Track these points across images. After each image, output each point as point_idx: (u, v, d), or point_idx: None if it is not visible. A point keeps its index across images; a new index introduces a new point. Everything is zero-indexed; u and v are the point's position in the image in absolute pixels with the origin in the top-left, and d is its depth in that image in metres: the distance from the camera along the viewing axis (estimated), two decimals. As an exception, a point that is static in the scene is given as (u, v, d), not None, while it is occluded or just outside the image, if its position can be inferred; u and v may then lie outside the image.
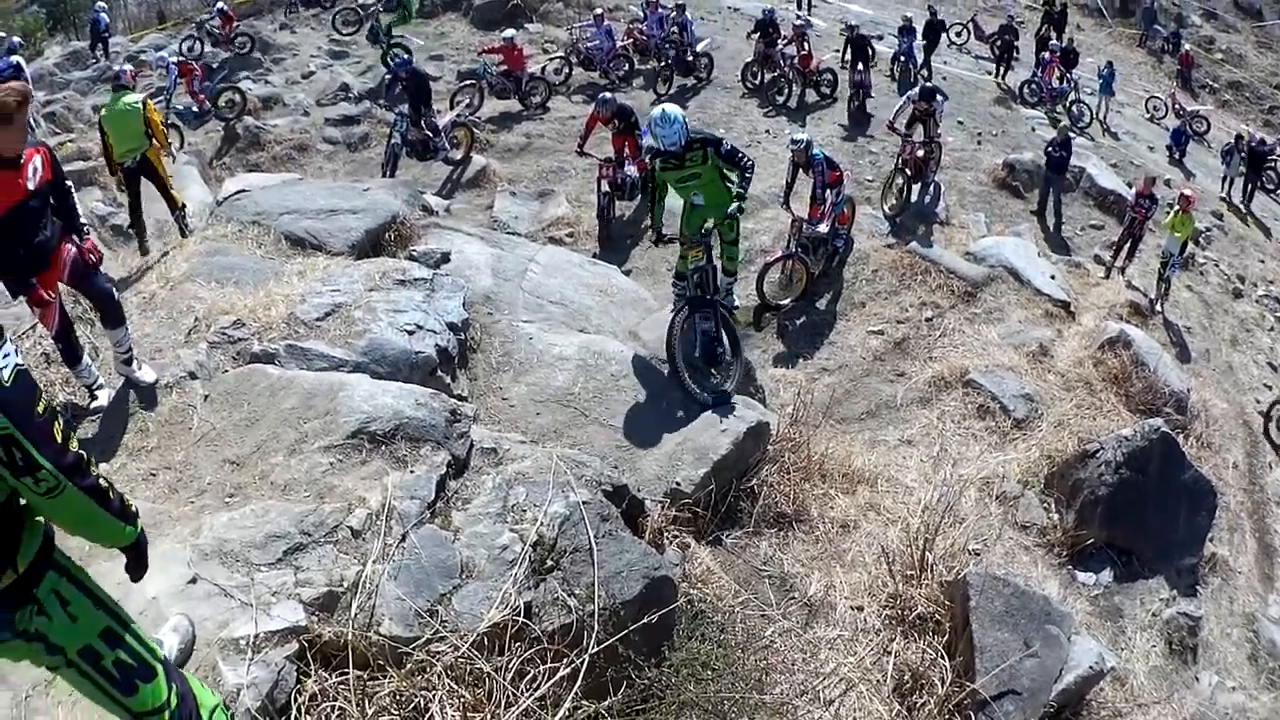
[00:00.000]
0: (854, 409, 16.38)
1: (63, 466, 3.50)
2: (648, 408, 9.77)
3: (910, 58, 31.98)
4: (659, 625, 6.66)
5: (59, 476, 3.48)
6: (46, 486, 3.48)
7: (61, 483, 3.50)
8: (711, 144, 10.98)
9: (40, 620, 3.80)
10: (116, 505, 3.85)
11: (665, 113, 10.65)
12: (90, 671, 3.99)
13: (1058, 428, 15.10)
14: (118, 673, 4.05)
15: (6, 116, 6.91)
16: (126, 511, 3.95)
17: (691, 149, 10.81)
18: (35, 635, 3.80)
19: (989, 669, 7.59)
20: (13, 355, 3.40)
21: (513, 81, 27.96)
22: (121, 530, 3.95)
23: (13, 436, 3.35)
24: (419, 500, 6.76)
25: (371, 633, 5.73)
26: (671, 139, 10.60)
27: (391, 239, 12.71)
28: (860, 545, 9.61)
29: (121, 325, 8.12)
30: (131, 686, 4.10)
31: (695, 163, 10.91)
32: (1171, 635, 12.12)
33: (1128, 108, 36.71)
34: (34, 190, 7.46)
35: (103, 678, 4.02)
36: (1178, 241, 21.76)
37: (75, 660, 3.94)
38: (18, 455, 3.38)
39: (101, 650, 3.99)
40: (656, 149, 11.07)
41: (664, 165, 10.97)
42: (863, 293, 19.59)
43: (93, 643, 3.96)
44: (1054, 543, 12.60)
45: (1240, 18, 47.88)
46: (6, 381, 3.34)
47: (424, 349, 9.23)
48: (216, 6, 32.72)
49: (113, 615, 4.07)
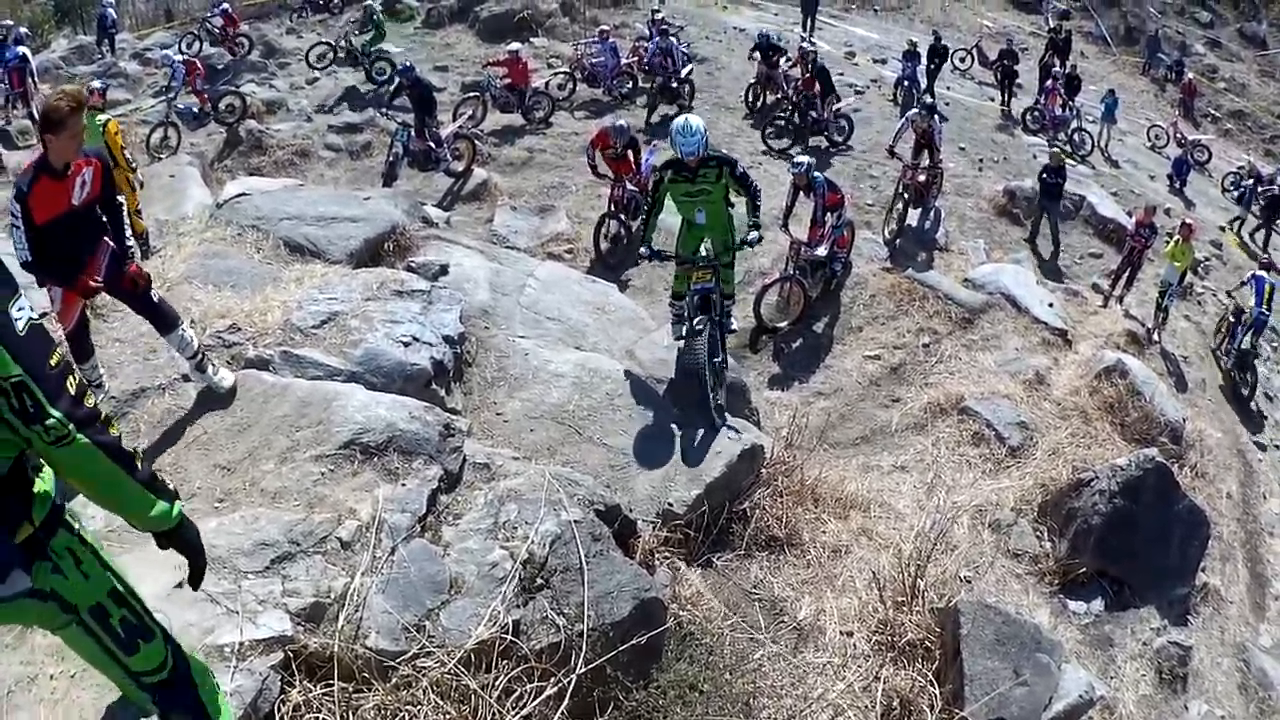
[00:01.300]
0: (848, 434, 16.37)
1: (74, 417, 3.46)
2: (642, 427, 9.72)
3: (914, 82, 31.98)
4: (648, 647, 6.64)
5: (67, 424, 3.43)
6: (55, 435, 3.43)
7: (70, 431, 3.45)
8: (727, 164, 10.93)
9: (56, 579, 3.79)
10: (145, 474, 3.78)
11: (688, 123, 10.60)
12: (98, 630, 3.98)
13: (1052, 456, 15.09)
14: (123, 631, 4.05)
15: (58, 122, 6.79)
16: (157, 484, 3.86)
17: (706, 165, 10.76)
18: (50, 594, 3.80)
19: (978, 697, 7.55)
20: (27, 309, 3.40)
21: (516, 95, 27.99)
22: (151, 502, 3.84)
23: (24, 383, 3.33)
24: (410, 514, 6.74)
25: (358, 645, 5.71)
26: (691, 149, 10.54)
27: (390, 249, 12.71)
28: (851, 570, 9.57)
29: (175, 329, 7.94)
30: (134, 646, 4.10)
31: (707, 179, 10.83)
32: (1162, 664, 12.13)
33: (1130, 136, 36.74)
34: (78, 205, 7.38)
35: (109, 636, 4.01)
36: (1177, 271, 21.80)
37: (85, 619, 3.93)
38: (28, 402, 3.35)
39: (110, 608, 3.99)
40: (668, 161, 11.05)
41: (674, 177, 10.90)
42: (860, 317, 19.57)
43: (103, 600, 3.96)
44: (1046, 571, 12.60)
45: (1244, 46, 47.97)
46: (21, 331, 3.33)
47: (419, 361, 9.21)
48: (221, 7, 32.75)
49: (115, 574, 4.05)
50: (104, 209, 7.69)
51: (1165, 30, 47.13)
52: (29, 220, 7.06)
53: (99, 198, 7.55)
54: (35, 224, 7.13)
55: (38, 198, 7.07)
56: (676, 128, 10.59)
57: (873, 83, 34.06)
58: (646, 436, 9.60)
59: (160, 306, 7.93)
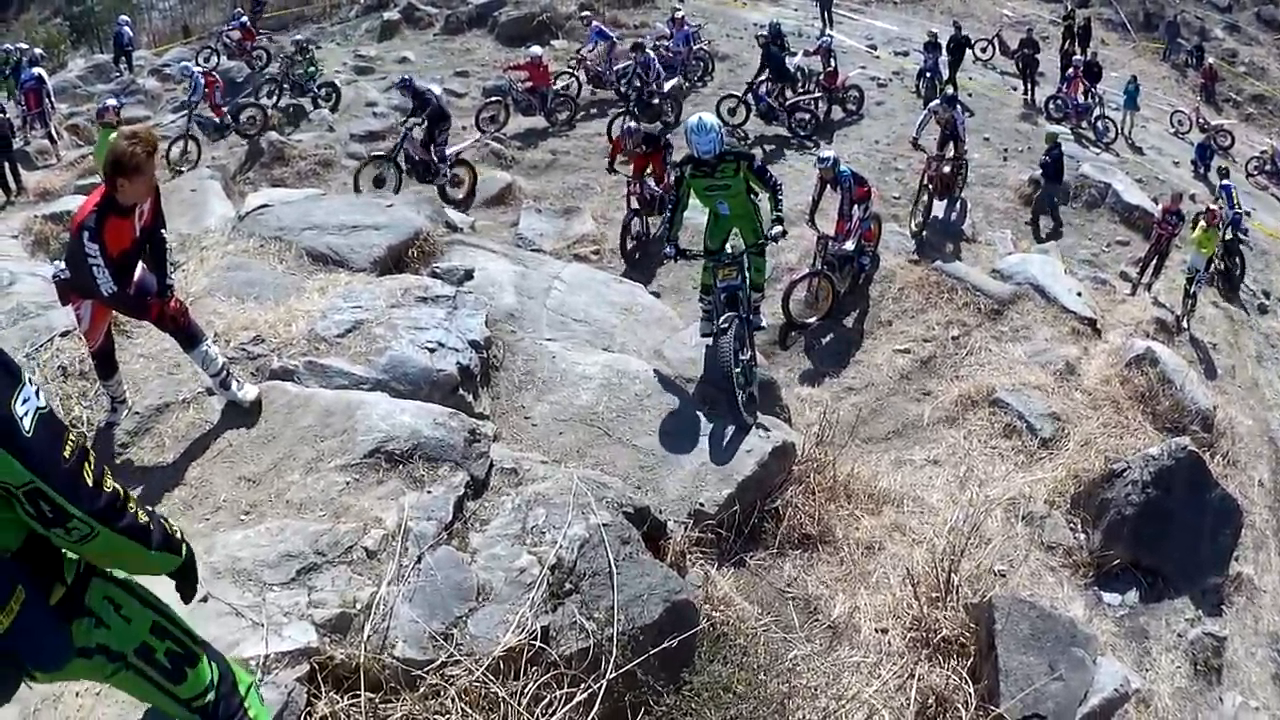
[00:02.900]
0: (880, 429, 16.30)
1: (95, 512, 3.35)
2: (672, 427, 9.68)
3: (935, 74, 31.92)
4: (679, 650, 6.59)
5: (92, 523, 3.34)
6: (80, 534, 3.34)
7: (95, 529, 3.36)
8: (745, 159, 11.07)
9: (99, 632, 3.71)
10: (159, 538, 3.71)
11: (702, 121, 10.71)
12: (146, 669, 3.91)
13: (1084, 447, 14.97)
14: (169, 663, 3.98)
15: (134, 168, 6.77)
16: (170, 540, 3.82)
17: (725, 160, 10.85)
18: (96, 649, 3.71)
19: (1013, 693, 7.48)
20: (33, 399, 3.22)
21: (538, 98, 28.04)
22: (167, 562, 3.84)
23: (38, 489, 3.19)
24: (436, 521, 6.70)
25: (384, 655, 5.67)
26: (706, 147, 10.63)
27: (414, 255, 12.67)
28: (885, 567, 9.52)
29: (199, 345, 7.88)
30: (181, 674, 4.04)
31: (726, 174, 10.94)
32: (1196, 656, 12.01)
33: (1152, 123, 36.54)
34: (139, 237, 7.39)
35: (157, 672, 3.94)
36: (1203, 257, 21.67)
37: (134, 662, 3.86)
38: (46, 508, 3.23)
39: (154, 644, 3.92)
40: (687, 156, 11.06)
41: (694, 172, 11.00)
42: (889, 311, 19.50)
43: (146, 639, 3.89)
44: (1080, 563, 12.48)
45: (1262, 30, 47.64)
46: (28, 430, 3.16)
47: (445, 367, 9.15)
48: (240, 19, 32.86)
49: (153, 607, 3.99)
50: (149, 241, 7.67)
51: (1184, 15, 46.87)
52: (107, 256, 7.03)
53: (148, 229, 7.54)
54: (113, 258, 7.12)
55: (110, 234, 7.05)
56: (691, 127, 10.71)
57: (895, 75, 34.02)
58: (676, 436, 9.56)
59: (177, 322, 7.91)
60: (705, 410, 10.08)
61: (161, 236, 7.79)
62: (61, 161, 26.81)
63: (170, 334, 7.92)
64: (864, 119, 29.44)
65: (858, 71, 31.63)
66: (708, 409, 10.12)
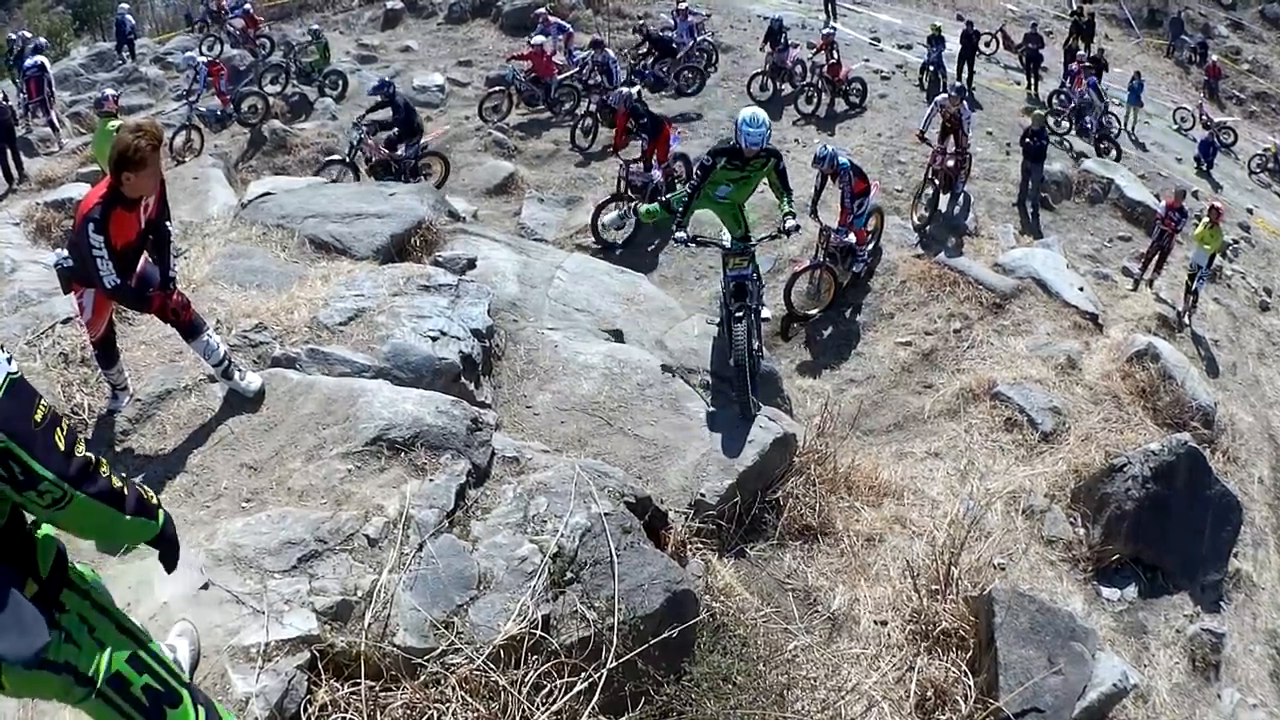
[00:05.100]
0: (881, 421, 16.33)
1: (67, 475, 3.37)
2: (673, 417, 9.69)
3: (940, 68, 31.83)
4: (680, 639, 6.58)
5: (63, 485, 3.36)
6: (51, 498, 3.36)
7: (67, 492, 3.38)
8: (775, 155, 11.10)
9: (68, 649, 3.66)
10: (133, 503, 3.71)
11: (756, 114, 10.67)
12: (119, 701, 3.82)
13: (1085, 441, 14.99)
14: (147, 699, 3.88)
15: (140, 161, 6.74)
16: (145, 506, 3.82)
17: (759, 156, 10.84)
18: (64, 666, 3.65)
19: (1012, 686, 7.50)
20: (4, 365, 3.28)
21: (541, 88, 27.94)
22: (143, 527, 3.83)
23: (9, 450, 3.23)
24: (437, 509, 6.69)
25: (385, 643, 5.67)
26: (756, 140, 10.58)
27: (417, 244, 12.65)
28: (885, 559, 9.54)
29: (199, 335, 7.85)
30: (160, 713, 3.93)
31: (755, 168, 10.97)
32: (1195, 652, 12.07)
33: (1155, 119, 36.54)
34: (144, 229, 7.38)
35: (131, 706, 3.85)
36: (1206, 254, 21.60)
37: (104, 690, 3.77)
38: (16, 469, 3.26)
39: (130, 676, 3.84)
40: (724, 148, 11.04)
41: (727, 164, 10.93)
42: (891, 303, 19.53)
43: (121, 669, 3.81)
44: (1079, 558, 12.52)
45: (1266, 28, 47.70)
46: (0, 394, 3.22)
47: (448, 355, 9.14)
48: (243, 7, 32.81)
49: (135, 639, 3.94)
50: (153, 233, 7.65)
51: (1188, 12, 46.92)
52: (111, 249, 7.01)
53: (153, 221, 7.52)
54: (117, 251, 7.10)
55: (115, 226, 7.03)
56: (745, 118, 10.62)
57: (898, 68, 33.92)
58: (678, 427, 9.57)
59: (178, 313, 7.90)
60: (707, 401, 10.11)
61: (166, 229, 7.76)
62: (63, 149, 26.78)
63: (172, 325, 7.91)
64: (867, 112, 29.34)
65: (861, 64, 31.66)
66: (710, 399, 10.15)
